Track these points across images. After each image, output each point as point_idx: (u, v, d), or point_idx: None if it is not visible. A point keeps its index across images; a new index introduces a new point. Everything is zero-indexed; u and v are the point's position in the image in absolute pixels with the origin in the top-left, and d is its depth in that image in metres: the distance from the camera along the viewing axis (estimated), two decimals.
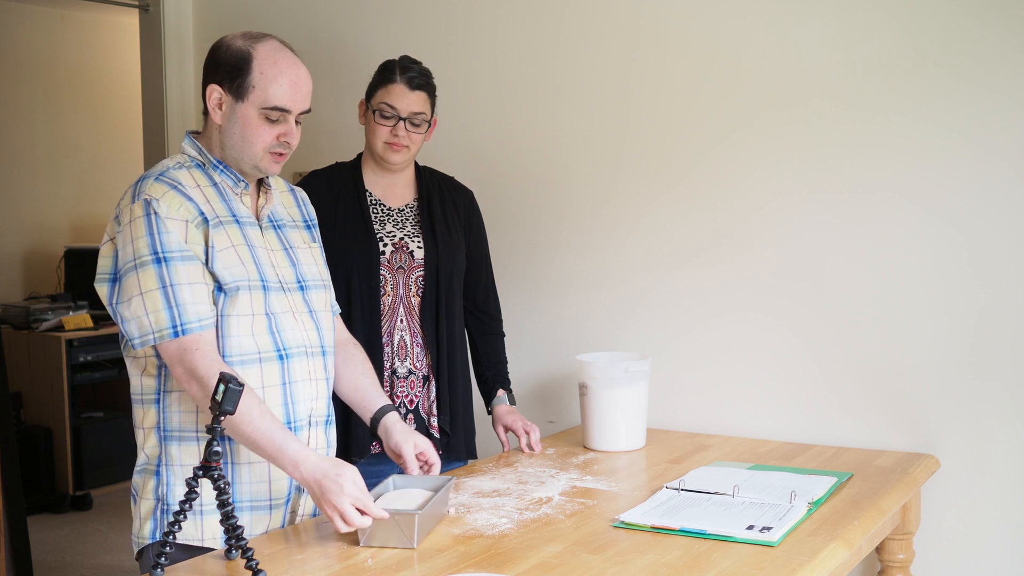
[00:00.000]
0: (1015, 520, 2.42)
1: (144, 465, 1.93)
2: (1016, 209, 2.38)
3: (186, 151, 1.97)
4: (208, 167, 1.94)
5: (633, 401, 2.52)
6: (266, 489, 1.93)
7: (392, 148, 2.45)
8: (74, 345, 5.17)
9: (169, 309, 1.81)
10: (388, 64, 2.49)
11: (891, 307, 2.52)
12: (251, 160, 1.93)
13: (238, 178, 1.96)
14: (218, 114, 1.92)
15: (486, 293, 2.66)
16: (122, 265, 1.84)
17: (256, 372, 1.90)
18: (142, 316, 1.82)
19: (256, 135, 1.90)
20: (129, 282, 1.82)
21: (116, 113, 6.15)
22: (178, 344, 1.82)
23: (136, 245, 1.82)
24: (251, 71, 1.88)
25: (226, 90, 1.90)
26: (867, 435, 2.55)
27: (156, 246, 1.81)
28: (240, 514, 1.88)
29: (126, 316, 1.83)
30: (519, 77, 3.01)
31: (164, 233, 1.82)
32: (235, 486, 1.90)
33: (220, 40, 1.95)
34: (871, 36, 2.51)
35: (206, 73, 1.94)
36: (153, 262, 1.81)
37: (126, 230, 1.84)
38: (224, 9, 3.66)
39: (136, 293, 1.82)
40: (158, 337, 1.82)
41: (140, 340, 1.83)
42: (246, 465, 1.91)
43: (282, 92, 1.89)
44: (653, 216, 2.82)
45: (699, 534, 1.82)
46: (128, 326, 1.83)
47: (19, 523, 3.45)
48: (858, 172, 2.54)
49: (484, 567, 1.67)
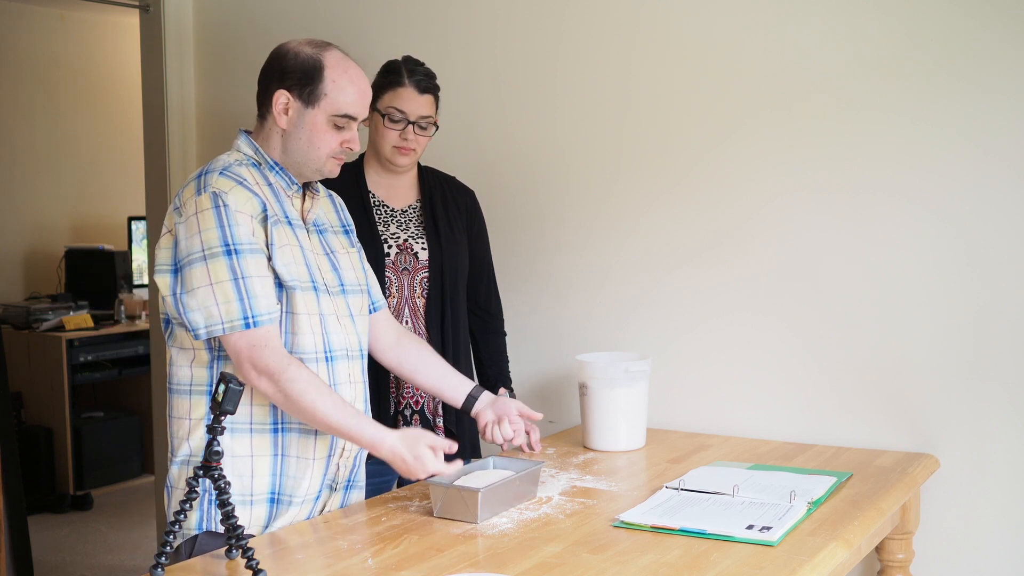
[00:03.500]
0: (1015, 520, 2.42)
1: (187, 457, 1.95)
2: (1016, 209, 2.38)
3: (241, 149, 2.00)
4: (264, 167, 1.98)
5: (633, 401, 2.52)
6: (305, 485, 1.98)
7: (400, 152, 2.45)
8: (74, 345, 5.17)
9: (241, 301, 1.84)
10: (394, 66, 2.48)
11: (891, 307, 2.52)
12: (315, 164, 1.99)
13: (291, 180, 2.01)
14: (284, 119, 1.97)
15: (488, 292, 2.66)
16: (186, 255, 1.85)
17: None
18: (211, 306, 1.83)
19: (323, 141, 1.97)
20: (196, 272, 1.84)
21: (116, 113, 6.15)
22: (247, 339, 1.85)
23: (205, 236, 1.84)
24: (323, 79, 1.95)
25: (295, 96, 1.96)
26: (867, 435, 2.55)
27: (227, 238, 1.84)
28: (278, 506, 1.95)
29: (191, 306, 1.84)
30: (519, 77, 3.02)
31: (235, 226, 1.85)
32: (282, 478, 1.95)
33: (284, 47, 2.00)
34: (871, 36, 2.51)
35: (271, 78, 1.99)
36: (224, 253, 1.84)
37: (191, 221, 1.85)
38: (225, 9, 3.66)
39: (205, 283, 1.83)
40: (227, 328, 1.84)
41: (206, 330, 1.85)
42: (294, 459, 1.96)
43: (352, 101, 1.97)
44: (653, 216, 2.82)
45: (699, 534, 1.82)
46: (193, 316, 1.85)
47: (19, 523, 3.46)
48: (858, 172, 2.54)
49: (484, 567, 1.68)
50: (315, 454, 1.99)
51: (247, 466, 1.93)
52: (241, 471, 1.92)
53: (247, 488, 1.93)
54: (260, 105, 2.02)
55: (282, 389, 1.87)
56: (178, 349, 1.95)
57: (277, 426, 1.95)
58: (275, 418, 1.95)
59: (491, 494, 1.92)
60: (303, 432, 1.97)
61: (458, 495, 1.91)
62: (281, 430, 1.95)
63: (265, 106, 2.00)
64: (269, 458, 1.94)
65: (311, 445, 1.98)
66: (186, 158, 3.70)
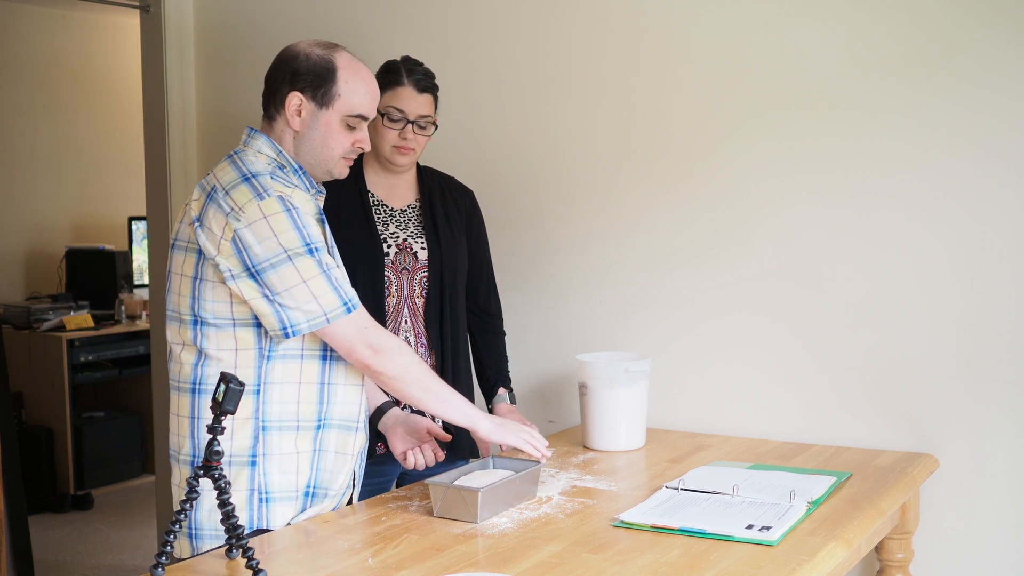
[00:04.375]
0: (1014, 519, 2.42)
1: (227, 456, 1.94)
2: (1015, 210, 2.38)
3: (264, 151, 2.00)
4: (287, 170, 2.00)
5: (633, 401, 2.52)
6: (341, 479, 2.03)
7: (400, 151, 2.45)
8: (75, 345, 5.17)
9: (336, 290, 1.91)
10: (392, 66, 2.48)
11: (890, 307, 2.52)
12: (326, 165, 2.02)
13: (312, 183, 2.04)
14: (297, 120, 1.99)
15: (487, 292, 2.67)
16: (265, 259, 1.87)
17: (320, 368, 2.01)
18: (309, 302, 1.88)
19: (337, 141, 2.00)
20: (285, 272, 1.87)
21: (117, 113, 6.15)
22: (355, 323, 1.92)
23: (284, 239, 1.87)
24: (336, 80, 1.98)
25: (308, 97, 1.98)
26: (866, 435, 2.55)
27: (305, 238, 1.89)
28: (313, 499, 1.99)
29: (289, 304, 1.88)
30: (519, 77, 3.02)
31: (308, 226, 1.90)
32: (319, 473, 1.99)
33: (294, 48, 2.02)
34: (871, 37, 2.51)
35: (282, 80, 2.00)
36: (307, 252, 1.88)
37: (261, 225, 1.87)
38: (225, 10, 3.66)
39: (297, 282, 1.87)
40: (332, 317, 1.90)
41: (308, 324, 1.89)
42: (332, 454, 2.01)
43: (365, 101, 2.01)
44: (653, 216, 2.83)
45: (699, 533, 1.83)
46: (292, 314, 1.88)
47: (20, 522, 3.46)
48: (858, 172, 2.54)
49: (484, 567, 1.68)
50: (352, 449, 2.05)
51: (293, 463, 1.97)
52: (288, 468, 1.96)
53: (292, 484, 1.96)
54: (268, 106, 2.03)
55: (399, 362, 1.97)
56: (216, 350, 1.93)
57: (320, 423, 1.99)
58: (319, 415, 1.99)
59: (491, 494, 1.93)
60: (342, 428, 2.02)
61: (458, 495, 1.92)
62: (323, 427, 1.99)
63: (275, 108, 2.01)
64: (309, 454, 1.98)
65: (349, 440, 2.04)
66: (186, 158, 3.70)
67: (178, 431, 1.99)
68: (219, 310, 1.92)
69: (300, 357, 1.96)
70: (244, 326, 1.93)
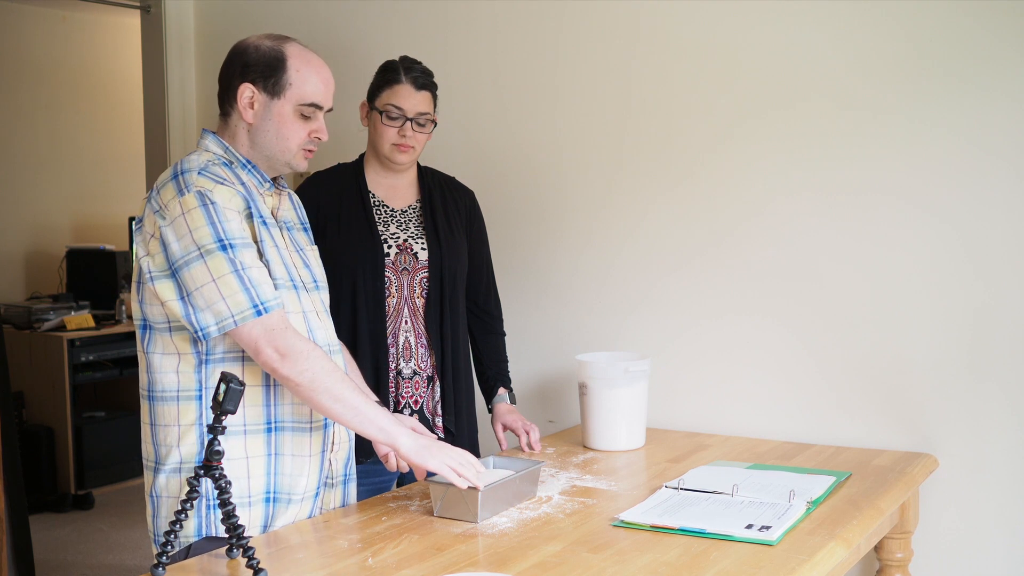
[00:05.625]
0: (1013, 519, 2.42)
1: (178, 464, 1.92)
2: (1014, 209, 2.38)
3: (210, 148, 1.98)
4: (235, 165, 1.97)
5: (633, 401, 2.53)
6: (303, 483, 1.97)
7: (399, 149, 2.46)
8: (76, 345, 5.17)
9: (247, 291, 1.83)
10: (391, 65, 2.49)
11: (890, 307, 2.53)
12: (284, 157, 1.98)
13: (264, 177, 2.00)
14: (249, 113, 1.96)
15: (487, 293, 2.67)
16: (180, 257, 1.83)
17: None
18: (217, 302, 1.82)
19: (291, 131, 1.97)
20: (196, 271, 1.82)
21: (118, 113, 6.16)
22: (262, 325, 1.83)
23: (197, 235, 1.82)
24: (287, 69, 1.95)
25: (260, 88, 1.95)
26: (866, 434, 2.56)
27: (220, 233, 1.83)
28: (275, 505, 1.94)
29: (199, 305, 1.82)
30: (519, 77, 3.02)
31: (225, 221, 1.84)
32: (277, 477, 1.93)
33: (243, 43, 2.00)
34: (871, 36, 2.51)
35: (233, 74, 1.98)
36: (219, 248, 1.82)
37: (179, 222, 1.83)
38: (225, 10, 3.66)
39: (207, 280, 1.81)
40: (239, 319, 1.82)
41: (217, 327, 1.83)
42: (289, 457, 1.95)
43: (317, 89, 1.97)
44: (653, 216, 2.83)
45: (698, 533, 1.83)
46: (201, 315, 1.82)
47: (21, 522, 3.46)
48: (857, 172, 2.54)
49: (484, 566, 1.68)
50: (310, 451, 1.98)
51: (243, 468, 1.91)
52: (238, 474, 1.90)
53: (244, 490, 1.91)
54: (223, 103, 2.00)
55: (306, 368, 1.84)
56: (160, 355, 1.91)
57: (270, 426, 1.94)
58: (268, 418, 1.94)
59: (491, 493, 1.93)
60: (296, 430, 1.96)
61: (458, 494, 1.92)
62: (274, 429, 1.94)
63: (228, 103, 1.98)
64: (263, 458, 1.93)
65: (305, 442, 1.97)
66: None
67: (143, 437, 1.97)
68: (155, 313, 1.90)
69: (240, 360, 1.91)
70: (179, 330, 1.88)
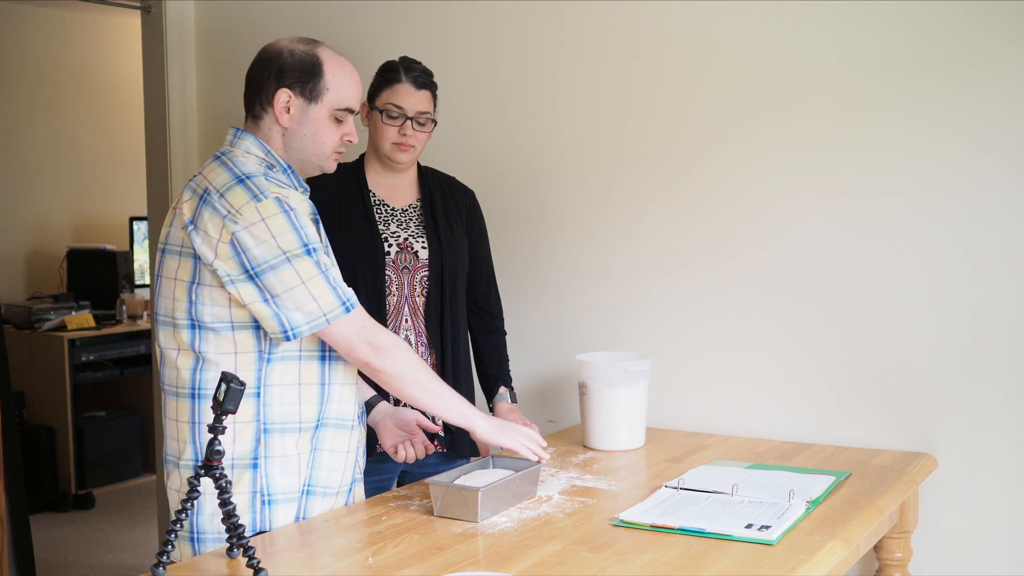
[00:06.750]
0: (1013, 518, 2.43)
1: (229, 460, 1.93)
2: (1014, 209, 2.38)
3: (252, 151, 1.99)
4: (276, 170, 2.00)
5: (633, 401, 2.53)
6: (339, 477, 2.03)
7: (400, 148, 2.46)
8: (76, 345, 5.18)
9: (334, 291, 1.91)
10: (391, 65, 2.50)
11: (890, 307, 2.53)
12: (317, 160, 2.03)
13: (300, 182, 2.04)
14: (286, 117, 1.99)
15: (488, 292, 2.67)
16: (264, 261, 1.86)
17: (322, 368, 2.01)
18: (308, 303, 1.88)
19: (327, 136, 2.01)
20: (284, 274, 1.87)
21: (118, 114, 6.16)
22: (355, 322, 1.93)
23: (282, 240, 1.87)
24: (324, 74, 1.99)
25: (296, 93, 1.98)
26: (865, 434, 2.56)
27: (303, 239, 1.89)
28: (309, 497, 1.99)
29: (288, 306, 1.87)
30: (520, 77, 3.02)
31: (305, 227, 1.90)
32: (313, 472, 1.99)
33: (276, 46, 2.01)
34: (871, 36, 2.51)
35: (267, 78, 1.99)
36: (305, 253, 1.88)
37: (259, 227, 1.86)
38: (225, 11, 3.67)
39: (297, 283, 1.87)
40: (331, 318, 1.90)
41: (308, 326, 1.89)
42: (327, 452, 2.01)
43: (352, 93, 2.02)
44: (653, 216, 2.83)
45: (698, 533, 1.83)
46: (292, 315, 1.88)
47: (22, 522, 3.46)
48: (857, 172, 2.54)
49: (484, 566, 1.68)
50: (348, 446, 2.05)
51: (295, 464, 1.97)
52: (290, 469, 1.96)
53: (294, 485, 1.96)
54: (254, 106, 2.01)
55: (398, 360, 1.97)
56: (215, 354, 1.92)
57: (319, 423, 1.99)
58: (319, 416, 1.99)
59: (491, 493, 1.93)
60: (337, 427, 2.02)
61: (458, 494, 1.92)
62: (320, 426, 1.99)
63: (261, 106, 2.00)
64: (308, 454, 1.99)
65: (344, 438, 2.03)
66: (187, 158, 3.71)
67: (177, 436, 1.97)
68: (218, 313, 1.91)
69: (299, 359, 1.96)
70: (243, 329, 1.92)
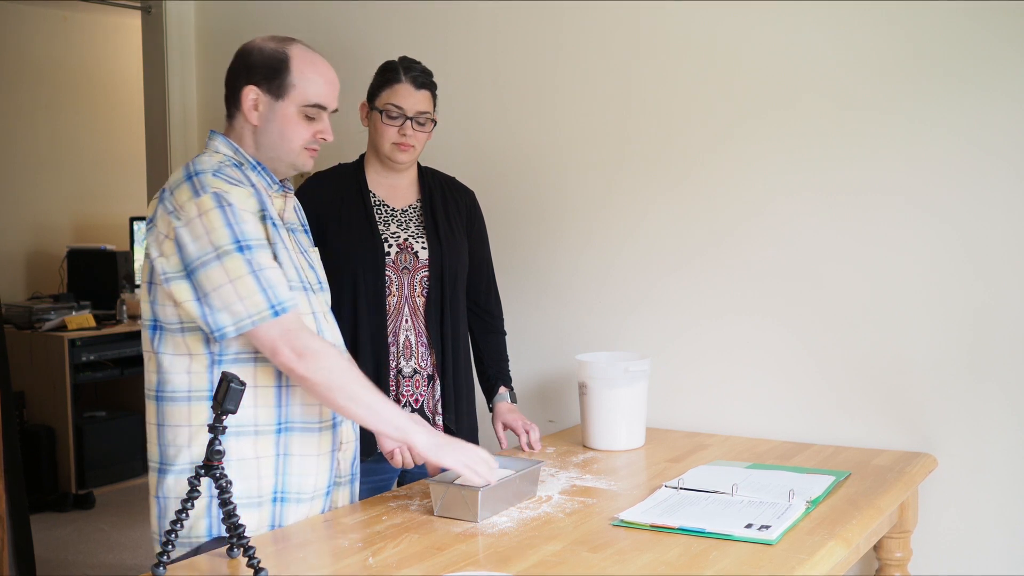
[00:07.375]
0: (1012, 518, 2.43)
1: (188, 464, 1.91)
2: (1014, 209, 2.39)
3: (220, 150, 2.00)
4: (245, 167, 1.98)
5: (633, 401, 2.53)
6: (312, 482, 1.98)
7: (400, 148, 2.46)
8: (76, 345, 5.18)
9: (263, 292, 1.84)
10: (390, 65, 2.50)
11: (890, 307, 2.53)
12: (288, 157, 2.00)
13: (272, 179, 2.01)
14: (254, 115, 1.98)
15: (488, 292, 2.67)
16: (197, 258, 1.84)
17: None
18: (234, 303, 1.82)
19: (295, 132, 1.98)
20: (213, 273, 1.83)
21: (118, 114, 6.16)
22: (280, 326, 1.84)
23: (214, 236, 1.83)
24: (290, 71, 1.97)
25: (264, 90, 1.97)
26: (865, 434, 2.56)
27: (236, 235, 1.84)
28: (284, 504, 1.95)
29: (216, 306, 1.83)
30: (520, 77, 3.03)
31: (242, 223, 1.86)
32: (285, 477, 1.94)
33: (248, 45, 2.02)
34: (871, 36, 2.52)
35: (238, 76, 2.00)
36: (236, 250, 1.83)
37: (195, 223, 1.84)
38: (225, 11, 3.67)
39: (223, 282, 1.82)
40: (257, 320, 1.83)
41: (234, 327, 1.84)
42: (297, 457, 1.96)
43: (321, 90, 1.98)
44: (653, 216, 2.83)
45: (698, 532, 1.83)
46: (218, 316, 1.83)
47: (22, 522, 3.47)
48: (857, 172, 2.55)
49: (484, 565, 1.69)
50: (319, 450, 1.99)
51: (253, 468, 1.92)
52: (248, 473, 1.91)
53: (254, 490, 1.92)
54: (228, 105, 2.03)
55: (323, 367, 1.86)
56: (171, 355, 1.91)
57: (280, 427, 1.95)
58: (279, 418, 1.95)
59: (491, 493, 1.93)
60: (305, 430, 1.97)
61: (458, 494, 1.92)
62: (284, 430, 1.95)
63: (234, 105, 2.01)
64: (272, 458, 1.94)
65: (313, 442, 1.98)
66: (187, 158, 3.66)
67: (149, 438, 1.97)
68: (167, 313, 1.90)
69: (253, 361, 1.91)
70: (191, 330, 1.89)
